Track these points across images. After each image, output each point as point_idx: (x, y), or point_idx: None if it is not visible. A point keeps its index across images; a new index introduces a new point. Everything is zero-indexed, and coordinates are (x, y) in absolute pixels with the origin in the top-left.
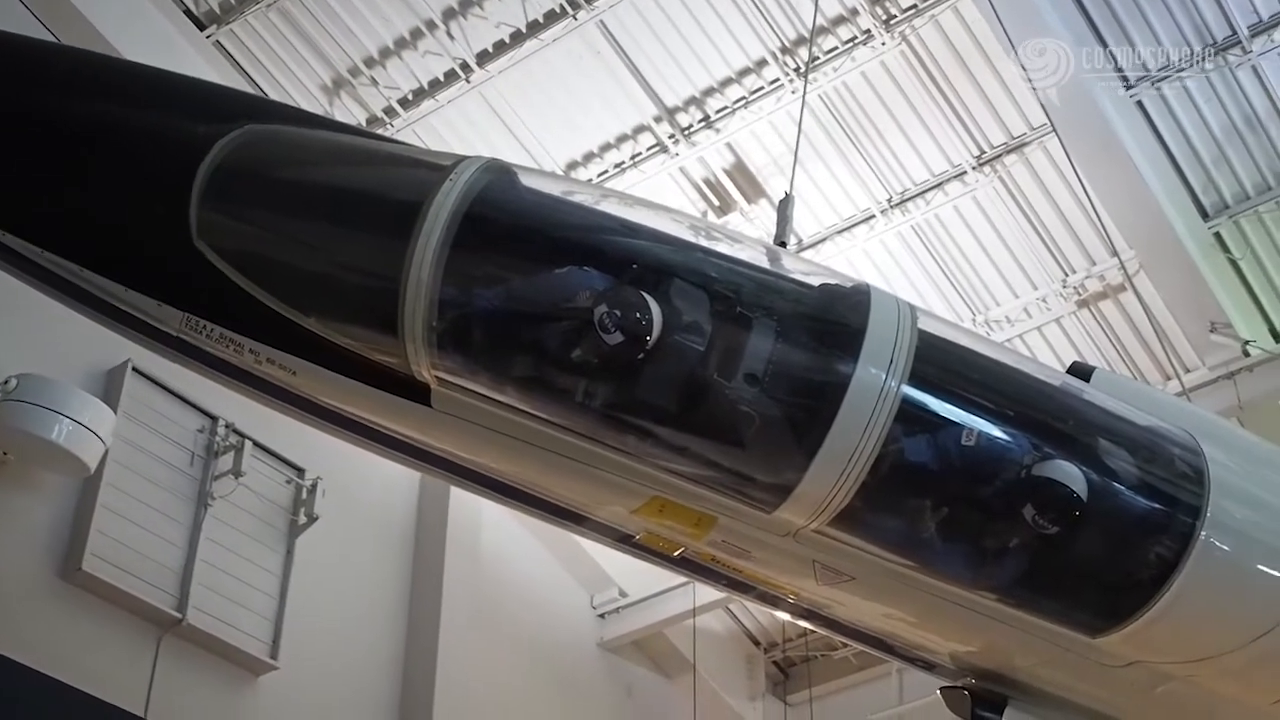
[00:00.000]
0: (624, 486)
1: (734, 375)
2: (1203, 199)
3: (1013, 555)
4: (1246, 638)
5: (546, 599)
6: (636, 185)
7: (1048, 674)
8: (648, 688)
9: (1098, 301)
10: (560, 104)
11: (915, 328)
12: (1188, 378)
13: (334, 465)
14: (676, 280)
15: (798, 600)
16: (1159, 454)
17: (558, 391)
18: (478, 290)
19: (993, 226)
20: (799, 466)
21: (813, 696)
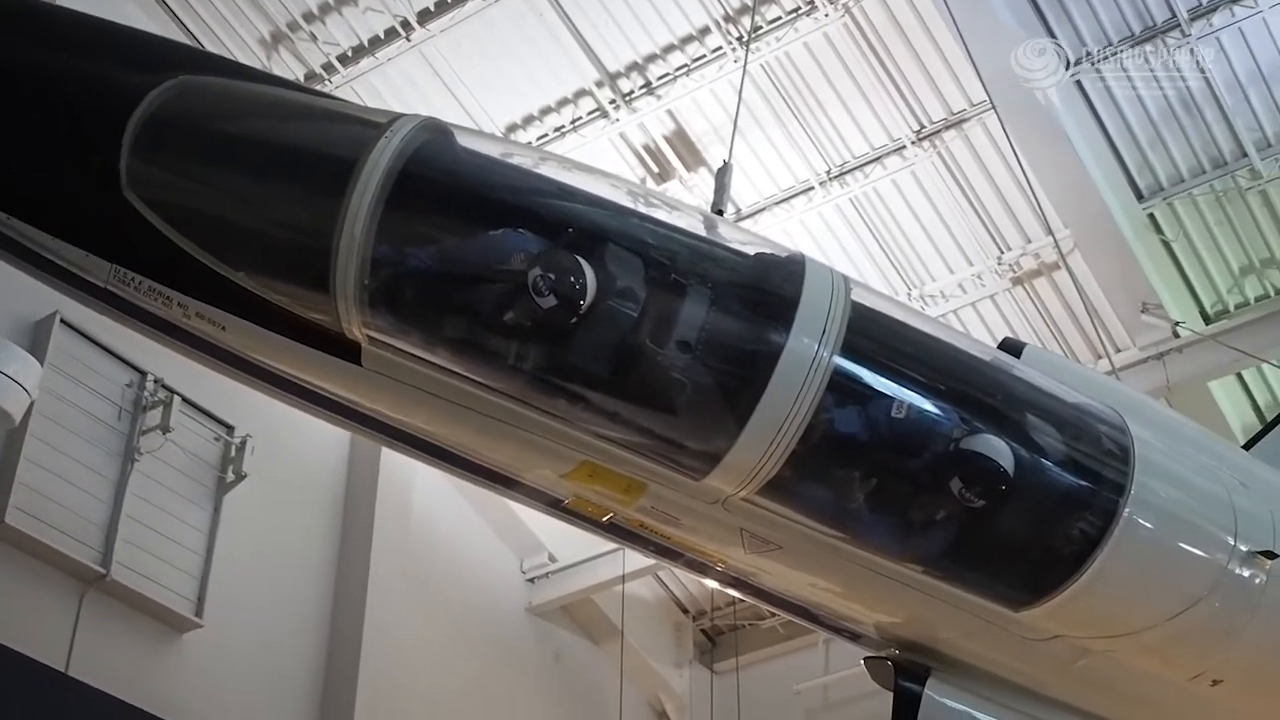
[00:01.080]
0: (554, 451)
1: (667, 342)
2: (1138, 180)
3: (939, 528)
4: (1166, 614)
5: (476, 562)
6: (576, 149)
7: (970, 646)
8: (575, 653)
9: (1032, 279)
10: (501, 65)
11: (849, 299)
12: (1118, 357)
13: (264, 423)
14: (612, 245)
15: (726, 568)
16: (1086, 431)
17: (489, 353)
18: (411, 249)
19: (930, 202)
20: (729, 434)
21: (739, 665)
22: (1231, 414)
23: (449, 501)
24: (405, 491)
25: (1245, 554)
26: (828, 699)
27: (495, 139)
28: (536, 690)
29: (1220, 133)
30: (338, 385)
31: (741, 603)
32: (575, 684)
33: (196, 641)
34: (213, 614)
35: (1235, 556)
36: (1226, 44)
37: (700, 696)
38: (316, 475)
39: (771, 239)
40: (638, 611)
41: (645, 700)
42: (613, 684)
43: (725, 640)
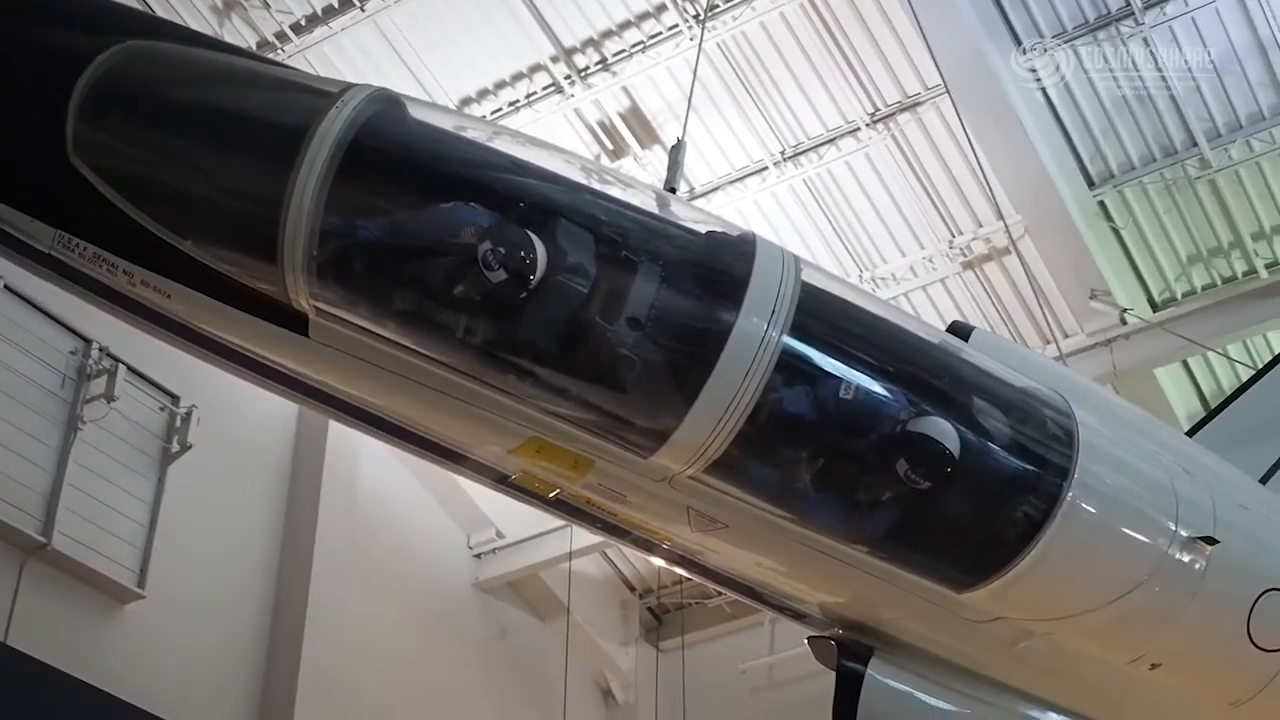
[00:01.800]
0: (502, 426)
1: (616, 319)
2: (1089, 168)
3: (884, 509)
4: (1106, 598)
5: (423, 537)
6: (530, 125)
7: (913, 627)
8: (521, 629)
9: (982, 264)
10: (456, 38)
11: (799, 279)
12: (1066, 343)
13: (210, 394)
14: (563, 221)
15: (672, 546)
16: (1031, 415)
17: (438, 327)
18: (360, 221)
19: (883, 184)
20: (677, 412)
21: (685, 644)
22: (1177, 401)
23: (396, 476)
24: (352, 465)
25: (1186, 539)
26: (773, 678)
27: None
28: (481, 666)
29: (1171, 122)
30: (284, 356)
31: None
32: (520, 660)
33: (138, 612)
34: (155, 585)
35: (1176, 542)
36: (1179, 33)
37: (646, 674)
38: (263, 447)
39: (724, 218)
40: (584, 589)
41: (590, 677)
42: (558, 661)
43: (671, 618)
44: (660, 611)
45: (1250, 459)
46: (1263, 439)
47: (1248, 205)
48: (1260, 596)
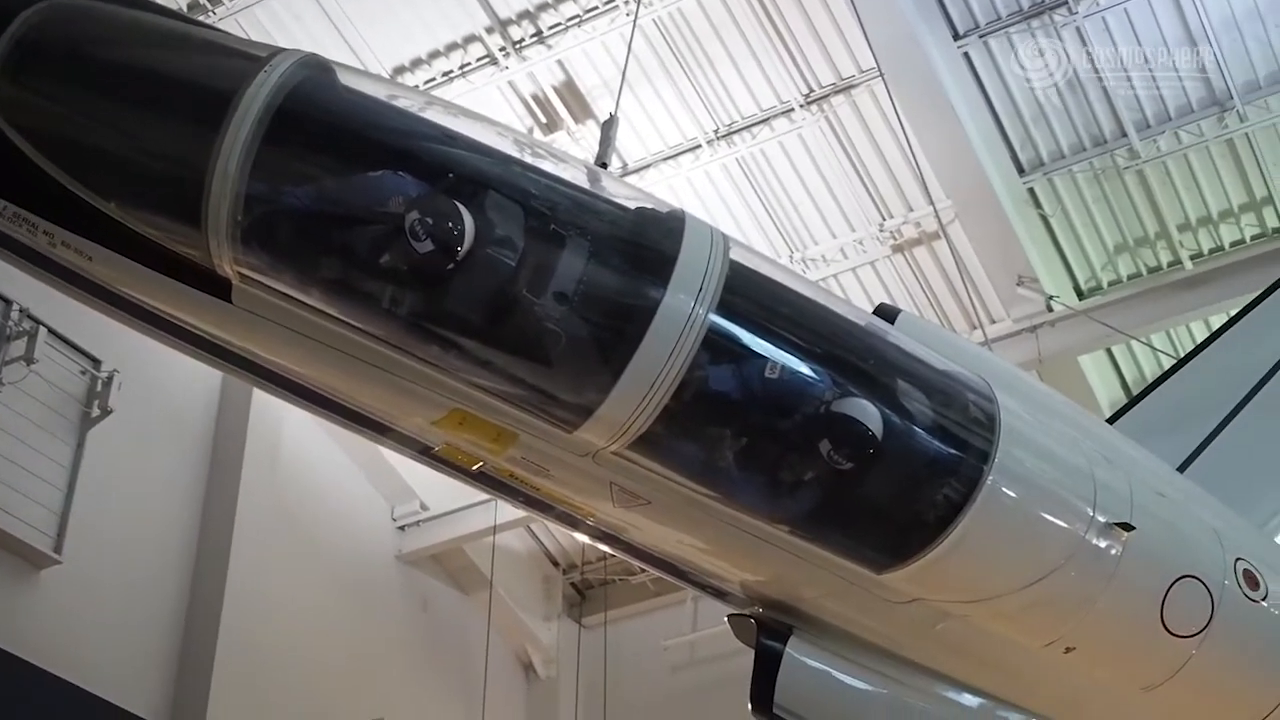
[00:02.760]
0: (426, 397)
1: (543, 292)
2: (1020, 155)
3: (806, 489)
4: (1023, 581)
5: (346, 508)
6: (463, 96)
7: (833, 606)
8: (444, 602)
9: (912, 247)
10: (391, 6)
11: (727, 258)
12: (992, 328)
13: (133, 359)
14: (492, 193)
15: (595, 522)
16: (954, 398)
17: (363, 296)
18: (286, 187)
19: (816, 166)
20: (602, 388)
21: (608, 619)
22: (1100, 388)
23: (320, 445)
24: (276, 433)
25: (1103, 525)
26: (694, 655)
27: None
28: (402, 638)
29: (1102, 112)
30: (207, 322)
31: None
32: (442, 633)
33: (55, 578)
34: (73, 551)
35: (1093, 527)
36: (1111, 23)
37: (567, 649)
38: (185, 413)
39: (655, 195)
40: (508, 563)
41: (512, 651)
42: (480, 634)
43: (595, 594)
44: (584, 587)
45: (1169, 447)
46: (1182, 428)
47: (1174, 197)
48: (1174, 583)
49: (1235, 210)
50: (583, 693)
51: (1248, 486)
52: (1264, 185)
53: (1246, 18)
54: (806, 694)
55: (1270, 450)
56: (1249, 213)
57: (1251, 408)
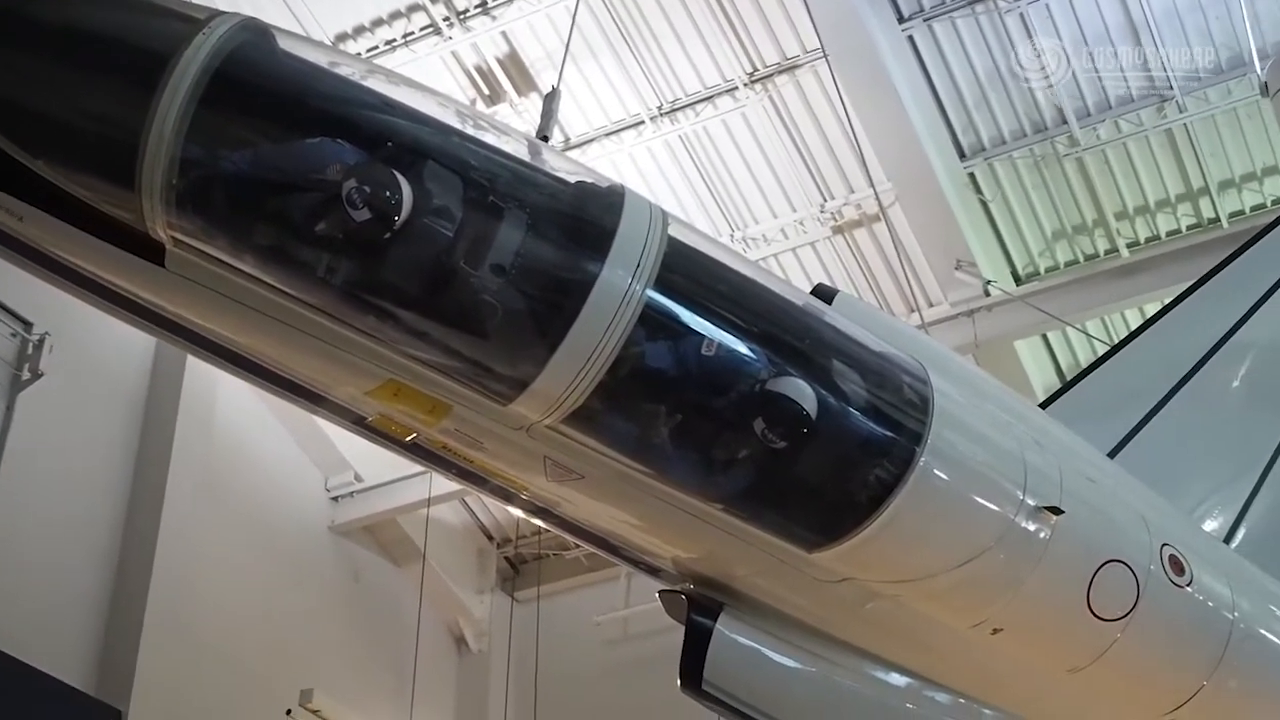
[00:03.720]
0: (360, 367)
1: (480, 264)
2: (961, 139)
3: (740, 467)
4: (953, 562)
5: (279, 477)
6: (406, 65)
7: (764, 584)
8: (376, 574)
9: (852, 229)
10: None
11: (666, 234)
12: (930, 311)
13: (65, 322)
14: (431, 163)
15: (529, 496)
16: (889, 380)
17: (298, 264)
18: (222, 151)
19: (759, 145)
20: (538, 361)
21: (541, 594)
22: (1035, 374)
23: (255, 413)
24: (210, 400)
25: (1032, 509)
26: (627, 631)
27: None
28: (334, 609)
29: (1043, 99)
30: (140, 286)
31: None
32: (374, 605)
33: None
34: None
35: (1023, 510)
36: (1054, 10)
37: (500, 623)
38: (118, 378)
39: (596, 170)
40: (442, 536)
41: (444, 625)
42: (412, 607)
43: (528, 569)
44: (518, 561)
45: (1101, 433)
46: (1113, 414)
47: (1113, 185)
48: (1101, 567)
49: (1172, 200)
50: (514, 667)
51: (1176, 474)
52: (1201, 176)
53: (1188, 9)
54: (735, 670)
55: (1199, 438)
56: (1185, 203)
57: (1182, 396)
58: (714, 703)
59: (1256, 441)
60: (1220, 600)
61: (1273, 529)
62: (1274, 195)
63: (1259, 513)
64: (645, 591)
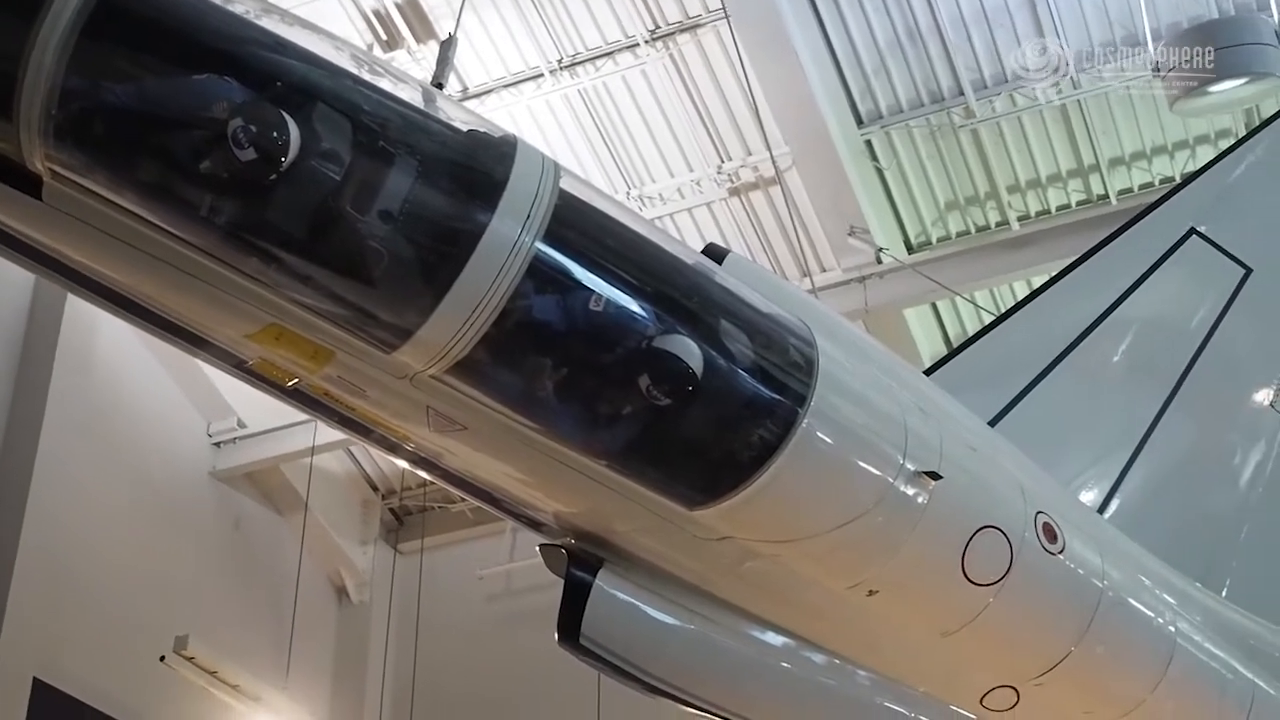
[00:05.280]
0: (242, 310)
1: (367, 210)
2: (859, 106)
3: (624, 423)
4: (832, 524)
5: (160, 421)
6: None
7: (645, 541)
8: (257, 522)
9: (748, 191)
10: None
11: (557, 187)
12: (822, 277)
13: None
14: (321, 105)
15: (412, 446)
16: (775, 342)
17: (180, 202)
18: (106, 84)
19: (658, 103)
20: (423, 310)
21: (425, 547)
22: (923, 342)
23: (137, 355)
24: (89, 340)
25: (912, 473)
26: (510, 586)
27: None
28: (213, 556)
29: (941, 69)
30: (15, 219)
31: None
32: (254, 553)
33: None
34: None
35: (902, 475)
36: None
37: (382, 575)
38: None
39: (492, 121)
40: (325, 485)
41: (325, 575)
42: (293, 556)
43: (413, 521)
44: (402, 513)
45: (983, 402)
46: (996, 384)
47: (1006, 158)
48: (976, 533)
49: (1063, 175)
50: (395, 619)
51: (1055, 444)
52: (1092, 153)
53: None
54: (613, 626)
55: (1078, 411)
56: (1076, 178)
57: (1063, 368)
58: (591, 657)
59: (1133, 415)
60: (1091, 568)
61: (1146, 501)
62: (1162, 174)
63: (1133, 485)
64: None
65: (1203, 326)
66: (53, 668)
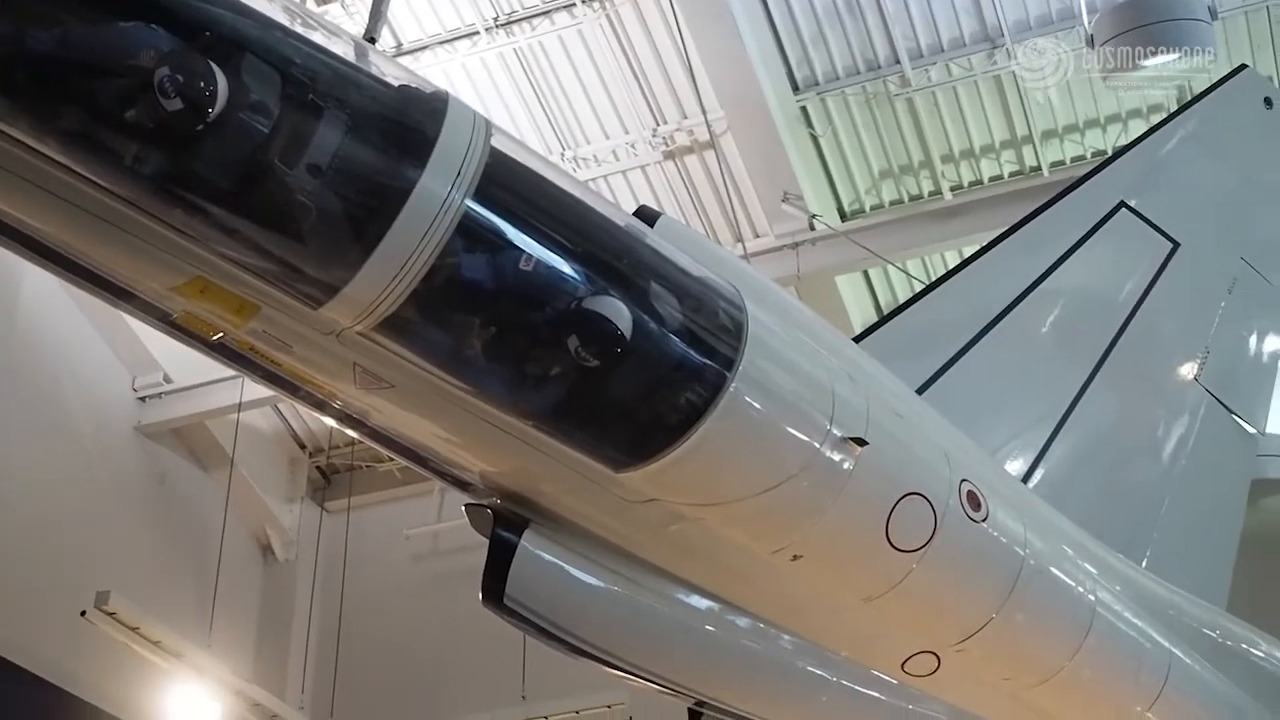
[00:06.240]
0: (167, 262)
1: (295, 163)
2: (796, 73)
3: (551, 383)
4: (757, 488)
5: (84, 375)
6: None
7: (570, 502)
8: (182, 478)
9: (683, 155)
10: None
11: (488, 145)
12: (755, 242)
13: None
14: (250, 56)
15: (338, 403)
16: (705, 305)
17: (104, 151)
18: (26, 27)
19: (594, 65)
20: (350, 266)
21: (352, 506)
22: (854, 309)
23: (62, 307)
24: (13, 290)
25: (838, 439)
26: (437, 546)
27: None
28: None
29: (878, 38)
30: None
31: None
32: (179, 509)
33: None
34: None
35: (829, 441)
36: None
37: (308, 533)
38: None
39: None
40: (252, 442)
41: (251, 532)
42: (218, 513)
43: (340, 479)
44: (330, 471)
45: (911, 370)
46: (924, 352)
47: (940, 128)
48: (901, 499)
49: (997, 146)
50: (320, 578)
51: (981, 413)
52: (1025, 124)
53: None
54: (538, 587)
55: (1005, 380)
56: (1009, 149)
57: (991, 338)
58: (515, 618)
59: (1059, 386)
60: (1013, 537)
61: (1070, 471)
62: (1094, 147)
63: (1058, 455)
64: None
65: (1130, 299)
66: None
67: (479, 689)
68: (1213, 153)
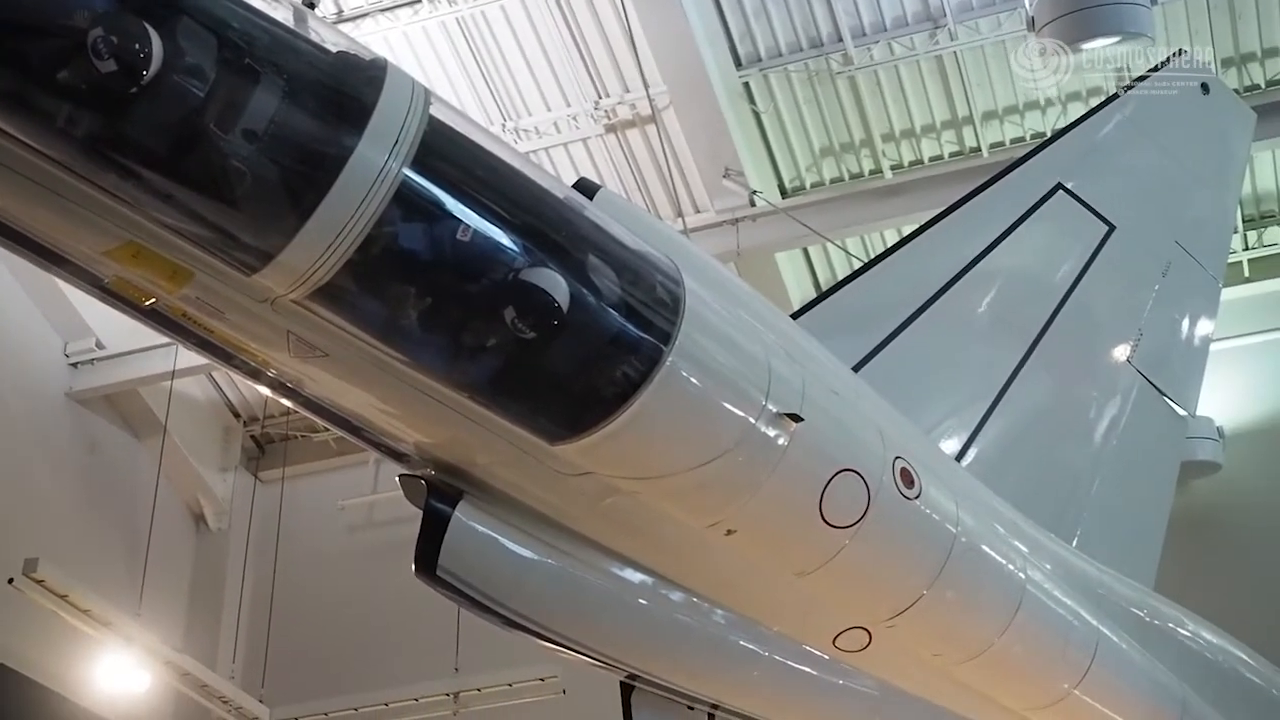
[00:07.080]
0: (99, 226)
1: (231, 128)
2: (739, 48)
3: (487, 355)
4: (692, 463)
5: (15, 339)
6: None
7: (505, 474)
8: (114, 445)
9: (625, 129)
10: None
11: (427, 114)
12: (695, 217)
13: None
14: (186, 19)
15: (272, 372)
16: (643, 279)
17: (35, 112)
18: None
19: (537, 36)
20: (285, 233)
21: (286, 475)
22: (793, 286)
23: None
24: None
25: (774, 415)
26: (372, 518)
27: None
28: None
29: (821, 15)
30: None
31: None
32: (110, 477)
33: None
34: None
35: (764, 416)
36: None
37: (242, 503)
38: None
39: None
40: (186, 410)
41: (183, 501)
42: (150, 481)
43: (275, 449)
44: (264, 441)
45: (847, 347)
46: (861, 329)
47: (882, 106)
48: (835, 475)
49: (938, 126)
50: (253, 548)
51: (917, 391)
52: (966, 105)
53: None
54: (471, 559)
55: (941, 359)
56: (950, 130)
57: (927, 317)
58: (449, 590)
59: (994, 366)
60: (946, 514)
61: (1003, 451)
62: (1033, 129)
63: (991, 434)
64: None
65: (1065, 281)
66: None
67: (412, 661)
68: (1150, 137)
